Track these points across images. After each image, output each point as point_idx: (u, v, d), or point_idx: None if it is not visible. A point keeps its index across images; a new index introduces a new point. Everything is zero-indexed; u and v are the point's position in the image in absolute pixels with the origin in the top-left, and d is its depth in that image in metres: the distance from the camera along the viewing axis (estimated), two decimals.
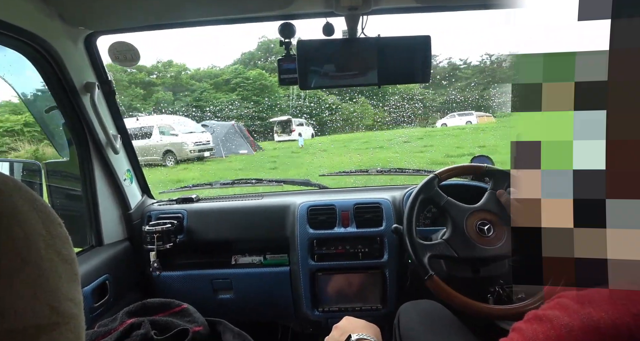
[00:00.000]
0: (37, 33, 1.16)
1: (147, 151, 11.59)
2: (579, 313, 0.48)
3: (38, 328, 0.31)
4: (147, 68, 20.27)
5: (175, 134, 11.73)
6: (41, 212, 0.35)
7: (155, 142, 11.80)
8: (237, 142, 12.65)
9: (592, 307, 0.47)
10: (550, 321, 0.50)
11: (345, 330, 0.91)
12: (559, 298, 0.52)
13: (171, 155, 11.59)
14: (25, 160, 3.84)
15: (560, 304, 0.51)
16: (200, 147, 11.68)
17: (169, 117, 13.25)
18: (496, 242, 1.21)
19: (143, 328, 0.88)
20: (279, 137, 15.15)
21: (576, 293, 0.50)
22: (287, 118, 15.60)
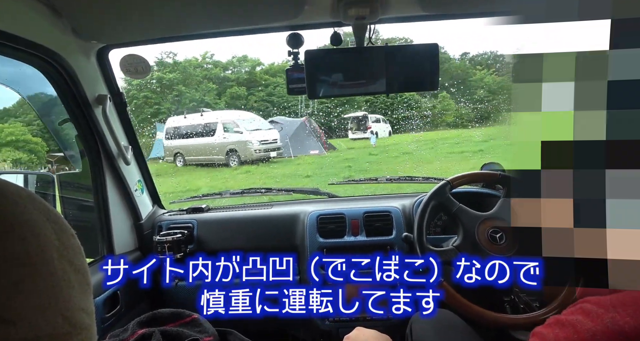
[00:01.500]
0: (51, 48, 1.18)
1: (210, 150, 10.80)
2: (603, 317, 0.47)
3: (50, 338, 0.31)
4: (222, 63, 20.09)
5: (240, 131, 10.69)
6: (54, 222, 0.36)
7: (218, 140, 10.86)
8: (307, 141, 11.42)
9: (616, 311, 0.47)
10: (573, 326, 0.49)
11: (356, 340, 0.90)
12: (581, 303, 0.51)
13: (235, 155, 10.61)
14: (38, 172, 3.90)
15: (583, 309, 0.50)
16: (267, 147, 10.60)
17: (234, 112, 12.20)
18: (508, 250, 1.20)
19: (154, 338, 0.88)
20: (353, 134, 13.90)
21: (598, 298, 0.49)
22: (363, 114, 14.33)
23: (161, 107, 16.96)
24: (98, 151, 1.48)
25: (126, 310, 1.47)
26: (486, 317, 1.12)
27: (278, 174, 9.11)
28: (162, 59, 18.39)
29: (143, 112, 16.56)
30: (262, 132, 10.79)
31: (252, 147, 10.34)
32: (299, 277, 1.65)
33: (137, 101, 16.83)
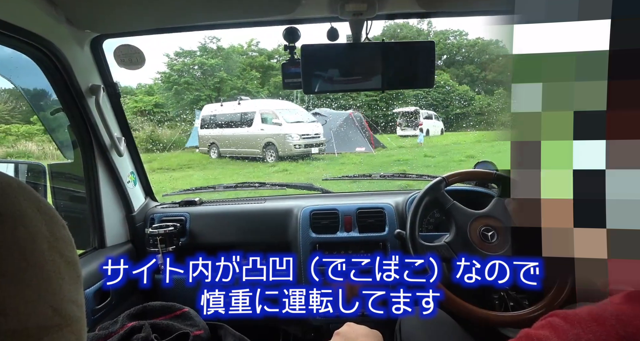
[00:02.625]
0: (44, 36, 1.17)
1: (245, 142, 9.97)
2: (568, 333, 0.47)
3: (40, 330, 0.31)
4: (267, 51, 19.69)
5: (279, 123, 9.62)
6: (45, 213, 0.35)
7: (255, 132, 9.90)
8: (353, 136, 10.24)
9: (580, 327, 0.47)
10: (539, 340, 0.50)
11: (346, 336, 0.91)
12: (551, 316, 0.52)
13: (272, 149, 9.59)
14: (29, 161, 3.86)
15: (550, 324, 0.50)
16: (308, 142, 9.47)
17: (274, 102, 11.01)
18: (499, 249, 1.21)
19: (144, 331, 0.88)
20: (402, 131, 12.87)
21: (567, 312, 0.49)
22: (414, 109, 13.23)
23: (201, 94, 16.67)
24: (90, 142, 1.47)
25: (117, 302, 1.47)
26: (475, 314, 1.13)
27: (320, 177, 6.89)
28: (205, 44, 17.92)
29: (183, 98, 16.35)
30: (303, 125, 9.77)
31: (292, 142, 9.31)
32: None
33: (178, 87, 16.55)
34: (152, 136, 13.03)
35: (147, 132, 13.25)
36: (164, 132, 13.81)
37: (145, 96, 16.62)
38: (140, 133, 13.32)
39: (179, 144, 13.01)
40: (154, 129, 13.55)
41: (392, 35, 20.86)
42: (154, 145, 12.85)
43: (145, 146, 12.78)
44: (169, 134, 13.69)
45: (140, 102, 16.13)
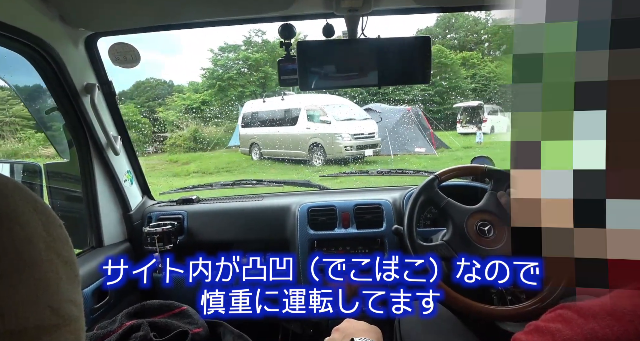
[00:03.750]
0: (37, 35, 1.16)
1: (289, 142, 8.91)
2: (583, 327, 0.46)
3: (38, 330, 0.31)
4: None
5: (327, 120, 8.44)
6: (41, 213, 0.35)
7: (300, 131, 8.78)
8: (412, 135, 8.94)
9: (596, 322, 0.46)
10: (551, 334, 0.49)
11: (346, 332, 0.91)
12: (561, 309, 0.51)
13: (319, 151, 8.44)
14: (25, 161, 3.84)
15: (562, 316, 0.50)
16: (361, 142, 8.22)
17: (322, 97, 9.36)
18: (497, 243, 1.21)
19: (142, 330, 0.88)
20: (464, 128, 11.61)
21: (579, 305, 0.49)
22: (478, 104, 12.04)
23: (246, 90, 16.27)
24: (86, 141, 1.47)
25: (115, 301, 1.47)
26: (473, 309, 1.13)
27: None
28: (250, 37, 17.39)
29: (227, 95, 15.98)
30: (356, 123, 8.50)
31: (342, 143, 8.10)
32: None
33: (222, 83, 16.15)
34: (195, 135, 12.82)
35: (191, 131, 13.04)
36: (210, 130, 13.52)
37: (193, 94, 16.49)
38: (184, 132, 13.18)
39: (223, 143, 12.69)
40: (198, 128, 13.31)
41: (447, 26, 20.22)
42: (197, 144, 12.64)
43: (188, 144, 12.65)
44: (213, 132, 13.38)
45: (187, 100, 16.05)
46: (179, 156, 11.86)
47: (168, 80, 20.38)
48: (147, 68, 19.83)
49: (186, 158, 11.30)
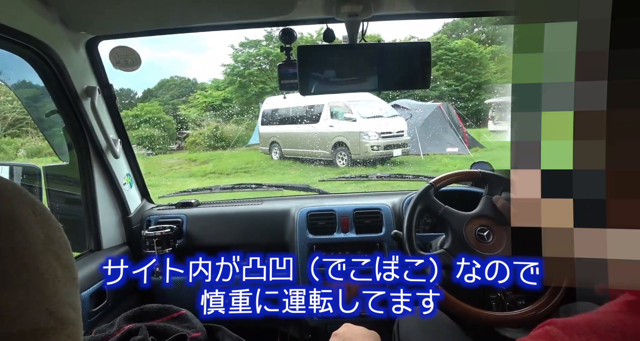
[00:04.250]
0: (39, 38, 1.16)
1: (311, 141, 8.30)
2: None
3: (36, 333, 0.31)
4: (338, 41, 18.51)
5: (352, 118, 7.85)
6: (40, 216, 0.35)
7: (322, 129, 8.16)
8: (443, 133, 8.34)
9: (580, 339, 0.46)
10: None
11: (344, 337, 0.91)
12: (547, 325, 0.51)
13: (344, 151, 7.88)
14: (24, 164, 3.84)
15: (548, 333, 0.49)
16: (389, 141, 7.57)
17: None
18: (496, 248, 1.21)
19: (140, 334, 0.88)
20: (495, 125, 10.82)
21: (565, 321, 0.49)
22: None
23: (266, 87, 15.69)
24: (86, 144, 1.47)
25: (113, 304, 1.46)
26: (472, 314, 1.13)
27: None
28: (271, 32, 16.64)
29: (247, 91, 15.61)
30: (383, 121, 7.81)
31: (369, 142, 7.47)
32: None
33: (242, 80, 15.75)
34: (215, 133, 12.55)
35: (211, 129, 12.80)
36: (230, 128, 13.22)
37: (214, 91, 16.35)
38: (204, 130, 12.93)
39: (243, 141, 12.39)
40: (218, 125, 13.09)
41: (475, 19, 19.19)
42: (217, 142, 12.33)
43: (208, 142, 12.34)
44: (234, 130, 13.04)
45: (209, 97, 15.90)
46: (198, 154, 11.66)
47: (192, 78, 20.28)
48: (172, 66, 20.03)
49: (205, 157, 11.01)
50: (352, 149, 7.69)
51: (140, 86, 19.29)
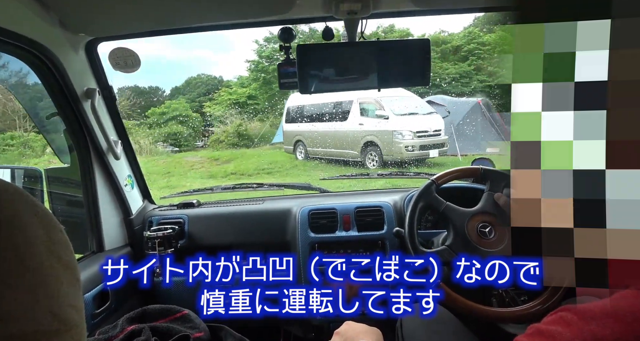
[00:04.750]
0: (38, 40, 1.16)
1: (339, 140, 7.69)
2: (582, 329, 0.47)
3: (38, 335, 0.31)
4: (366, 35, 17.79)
5: (384, 115, 7.16)
6: (42, 218, 0.35)
7: (352, 127, 7.54)
8: (483, 132, 7.66)
9: (595, 324, 0.46)
10: (552, 336, 0.49)
11: (346, 335, 0.91)
12: (560, 311, 0.51)
13: (375, 151, 7.19)
14: (26, 166, 3.85)
15: (562, 319, 0.50)
16: (425, 141, 6.96)
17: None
18: (498, 244, 1.21)
19: (143, 334, 0.88)
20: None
21: (579, 307, 0.49)
22: None
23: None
24: (87, 146, 1.47)
25: (116, 306, 1.46)
26: (475, 310, 1.13)
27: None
28: (295, 25, 16.77)
29: (272, 88, 15.05)
30: (418, 119, 7.16)
31: (402, 142, 6.81)
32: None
33: (266, 76, 15.17)
34: (239, 130, 12.33)
35: (234, 126, 12.57)
36: (254, 126, 12.99)
37: (239, 88, 16.23)
38: (228, 127, 12.76)
39: (267, 139, 12.16)
40: (242, 123, 12.84)
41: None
42: (240, 139, 12.10)
43: (232, 140, 12.13)
44: (258, 128, 12.79)
45: (234, 95, 15.75)
46: (220, 153, 11.37)
47: (218, 75, 20.13)
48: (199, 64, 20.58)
49: (227, 156, 10.67)
50: (384, 150, 6.99)
51: (168, 85, 19.09)
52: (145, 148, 11.88)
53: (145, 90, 18.90)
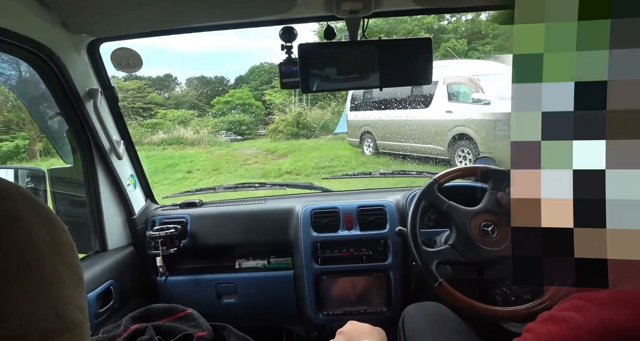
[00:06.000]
0: (40, 41, 1.16)
1: (421, 133, 6.20)
2: (598, 315, 0.47)
3: (42, 334, 0.31)
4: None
5: (483, 100, 5.56)
6: (45, 218, 0.35)
7: (436, 116, 6.04)
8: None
9: (611, 310, 0.46)
10: (566, 321, 0.49)
11: (349, 334, 0.91)
12: (573, 299, 0.51)
13: (468, 146, 5.61)
14: (29, 167, 3.87)
15: (575, 305, 0.50)
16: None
17: (470, 64, 6.68)
18: (501, 243, 1.21)
19: (147, 333, 0.88)
20: None
21: (592, 295, 0.49)
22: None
23: None
24: (89, 146, 1.47)
25: (120, 305, 1.47)
26: (478, 309, 1.13)
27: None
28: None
29: None
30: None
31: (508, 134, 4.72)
32: (294, 271, 1.66)
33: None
34: (299, 119, 11.69)
35: (293, 115, 11.98)
36: (314, 114, 12.13)
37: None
38: (287, 116, 12.28)
39: (329, 129, 11.33)
40: (302, 111, 12.24)
41: None
42: (299, 129, 11.47)
43: (291, 130, 11.57)
44: (318, 116, 11.89)
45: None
46: (278, 144, 10.87)
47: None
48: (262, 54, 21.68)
49: (285, 148, 9.91)
50: (481, 145, 5.33)
51: (233, 74, 19.51)
52: (204, 138, 11.64)
53: (211, 80, 19.05)
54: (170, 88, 19.07)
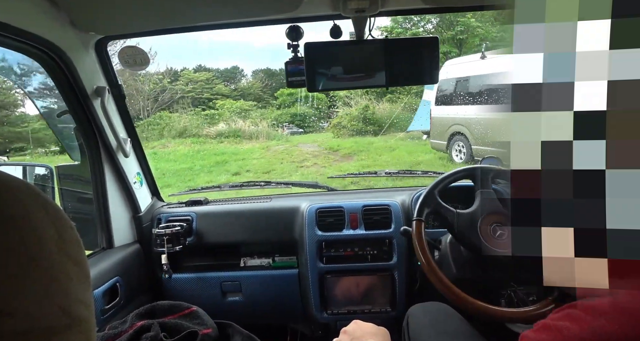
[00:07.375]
0: (49, 39, 1.17)
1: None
2: (591, 324, 0.47)
3: (48, 330, 0.32)
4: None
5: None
6: (52, 215, 0.36)
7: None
8: None
9: (604, 319, 0.46)
10: (559, 331, 0.49)
11: (353, 334, 0.91)
12: (568, 308, 0.51)
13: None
14: (37, 163, 3.91)
15: (569, 315, 0.50)
16: None
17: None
18: (507, 246, 1.20)
19: (152, 330, 0.88)
20: None
21: (586, 303, 0.49)
22: None
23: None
24: (97, 144, 1.48)
25: (125, 302, 1.48)
26: (483, 310, 1.12)
27: None
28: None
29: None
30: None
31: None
32: (298, 270, 1.67)
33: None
34: (365, 114, 10.59)
35: (359, 109, 10.84)
36: (382, 108, 11.12)
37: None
38: (352, 109, 11.27)
39: (400, 126, 10.10)
40: (369, 104, 11.21)
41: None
42: (366, 125, 10.39)
43: (355, 126, 10.50)
44: (387, 110, 10.90)
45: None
46: (341, 141, 9.59)
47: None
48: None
49: (349, 147, 8.69)
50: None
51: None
52: (263, 131, 10.90)
53: (276, 72, 19.17)
54: (236, 80, 19.39)
